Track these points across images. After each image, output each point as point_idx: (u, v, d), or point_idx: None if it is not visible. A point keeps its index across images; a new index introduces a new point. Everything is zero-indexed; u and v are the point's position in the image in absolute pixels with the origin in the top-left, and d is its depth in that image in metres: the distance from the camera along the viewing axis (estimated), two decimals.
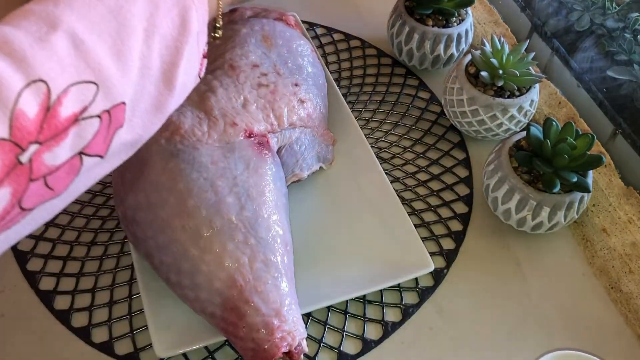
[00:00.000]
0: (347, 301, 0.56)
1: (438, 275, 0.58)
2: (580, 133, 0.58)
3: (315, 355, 0.53)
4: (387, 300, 0.56)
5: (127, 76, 0.34)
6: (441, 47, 0.71)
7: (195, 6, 0.38)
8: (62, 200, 0.34)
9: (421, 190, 0.64)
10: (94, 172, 0.35)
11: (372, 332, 0.54)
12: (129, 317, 0.54)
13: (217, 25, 0.44)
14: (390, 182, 0.61)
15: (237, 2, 0.48)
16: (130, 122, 0.35)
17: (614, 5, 0.68)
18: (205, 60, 0.41)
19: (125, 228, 0.51)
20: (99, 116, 0.33)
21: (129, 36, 0.35)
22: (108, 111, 0.34)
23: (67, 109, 0.32)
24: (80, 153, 0.33)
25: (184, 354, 0.52)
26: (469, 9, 0.73)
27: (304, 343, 0.47)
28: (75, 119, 0.32)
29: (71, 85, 0.32)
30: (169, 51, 0.37)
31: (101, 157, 0.35)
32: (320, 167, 0.62)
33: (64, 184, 0.33)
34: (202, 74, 0.41)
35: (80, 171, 0.34)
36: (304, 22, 0.77)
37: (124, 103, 0.34)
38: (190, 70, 0.39)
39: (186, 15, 0.37)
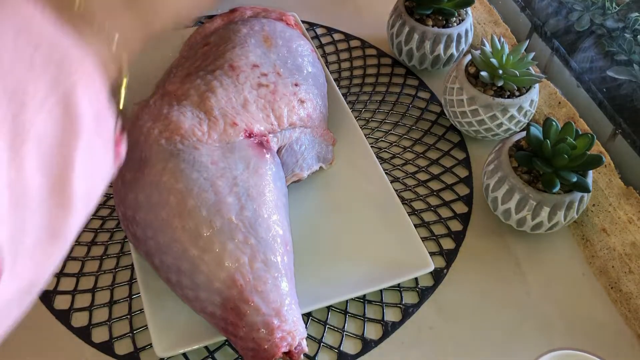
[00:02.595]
0: (347, 301, 0.56)
1: (438, 275, 0.58)
2: (580, 133, 0.58)
3: (315, 355, 0.53)
4: (387, 300, 0.56)
5: None
6: (441, 47, 0.71)
7: (83, 82, 0.27)
8: None
9: (421, 190, 0.64)
10: None
11: (372, 332, 0.55)
12: (129, 317, 0.54)
13: (120, 92, 0.31)
14: (390, 182, 0.61)
15: (139, 50, 0.33)
16: (12, 270, 0.25)
17: (614, 5, 0.68)
18: (123, 143, 0.31)
19: (125, 228, 0.51)
20: None
21: None
22: None
23: None
24: None
25: (184, 354, 0.52)
26: (469, 9, 0.73)
27: (304, 343, 0.47)
28: None
29: None
30: (52, 158, 0.26)
31: None
32: (320, 167, 0.62)
33: None
34: (121, 159, 0.31)
35: None
36: (304, 22, 0.77)
37: None
38: (96, 169, 0.29)
39: (71, 101, 0.26)
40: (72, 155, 0.27)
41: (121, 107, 0.31)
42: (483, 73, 0.63)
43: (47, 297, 0.54)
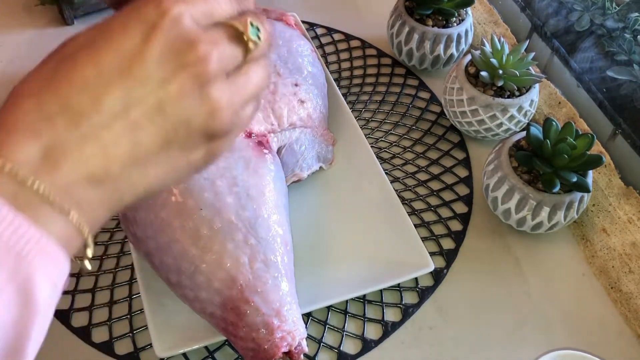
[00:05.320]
0: (347, 301, 0.56)
1: (438, 275, 0.58)
2: (580, 133, 0.58)
3: (315, 355, 0.53)
4: (387, 300, 0.56)
5: None
6: (441, 47, 0.71)
7: (41, 270, 0.27)
8: None
9: (421, 190, 0.64)
10: None
11: (372, 332, 0.55)
12: (129, 317, 0.54)
13: (86, 255, 0.31)
14: (390, 182, 0.61)
15: (107, 218, 0.32)
16: None
17: (614, 5, 0.68)
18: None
19: (125, 228, 0.51)
20: None
21: None
22: None
23: None
24: None
25: (184, 354, 0.52)
26: (469, 9, 0.73)
27: (304, 343, 0.47)
28: None
29: None
30: (9, 339, 0.27)
31: None
32: (320, 167, 0.62)
33: None
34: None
35: None
36: (304, 22, 0.77)
37: None
38: (45, 329, 0.30)
39: (29, 288, 0.27)
40: (28, 332, 0.28)
41: (88, 268, 0.31)
42: (483, 73, 0.63)
43: None
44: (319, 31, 0.79)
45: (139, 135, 0.29)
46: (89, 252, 0.31)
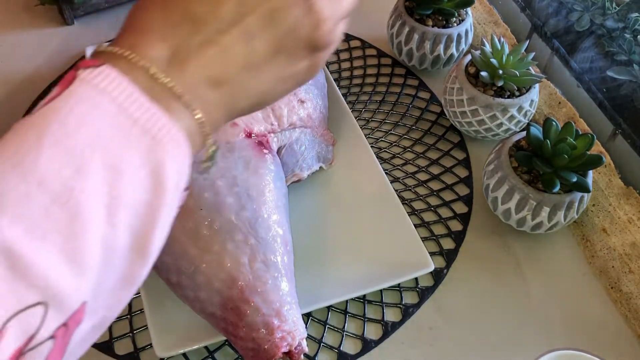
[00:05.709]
0: (347, 301, 0.56)
1: (438, 275, 0.58)
2: (580, 133, 0.58)
3: (315, 355, 0.53)
4: (387, 300, 0.56)
5: (86, 274, 0.27)
6: (441, 47, 0.71)
7: (171, 157, 0.30)
8: None
9: (421, 190, 0.64)
10: None
11: (372, 332, 0.54)
12: (129, 317, 0.54)
13: (209, 155, 0.34)
14: (390, 182, 0.61)
15: (224, 123, 0.36)
16: (91, 313, 0.29)
17: (614, 5, 0.68)
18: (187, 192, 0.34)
19: None
20: (52, 336, 0.27)
21: (85, 226, 0.27)
22: (65, 323, 0.27)
23: (5, 350, 0.25)
24: None
25: (184, 354, 0.52)
26: (469, 9, 0.73)
27: (304, 343, 0.47)
28: (20, 354, 0.26)
29: (8, 320, 0.25)
30: (139, 219, 0.29)
31: None
32: (320, 167, 0.62)
33: None
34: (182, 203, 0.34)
35: None
36: None
37: (84, 303, 0.28)
38: (169, 221, 0.32)
39: (160, 172, 0.29)
40: (157, 218, 0.30)
41: (208, 165, 0.35)
42: (483, 73, 0.63)
43: None
44: None
45: (252, 42, 0.32)
46: (211, 151, 0.34)
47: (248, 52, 0.33)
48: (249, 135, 0.53)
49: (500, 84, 0.63)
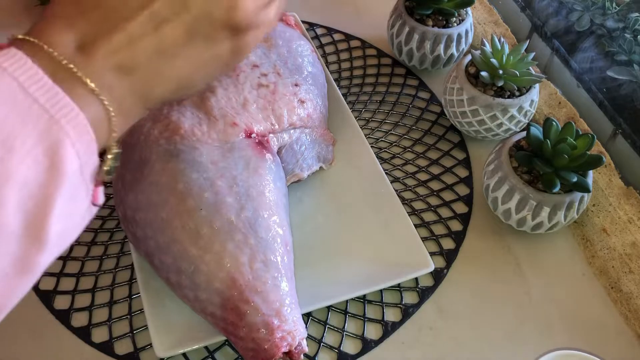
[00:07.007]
0: (347, 301, 0.56)
1: (438, 275, 0.58)
2: (580, 133, 0.58)
3: (315, 355, 0.53)
4: (387, 300, 0.56)
5: None
6: (441, 47, 0.71)
7: (70, 139, 0.29)
8: None
9: (421, 190, 0.64)
10: None
11: (372, 332, 0.54)
12: (129, 317, 0.54)
13: (109, 156, 0.33)
14: (390, 182, 0.61)
15: (129, 125, 0.35)
16: None
17: (614, 5, 0.68)
18: (100, 193, 0.33)
19: (125, 228, 0.51)
20: None
21: None
22: None
23: None
24: None
25: (184, 354, 0.52)
26: (469, 9, 0.73)
27: (304, 343, 0.47)
28: None
29: None
30: (33, 201, 0.29)
31: None
32: (320, 167, 0.62)
33: None
34: (100, 201, 0.33)
35: None
36: (304, 22, 0.77)
37: None
38: (73, 212, 0.31)
39: (57, 152, 0.29)
40: (51, 201, 0.29)
41: (107, 169, 0.33)
42: (483, 73, 0.63)
43: (47, 297, 0.54)
44: (319, 31, 0.79)
45: (162, 27, 0.32)
46: (114, 138, 0.33)
47: (158, 38, 0.32)
48: (249, 135, 0.53)
49: (500, 84, 0.63)
